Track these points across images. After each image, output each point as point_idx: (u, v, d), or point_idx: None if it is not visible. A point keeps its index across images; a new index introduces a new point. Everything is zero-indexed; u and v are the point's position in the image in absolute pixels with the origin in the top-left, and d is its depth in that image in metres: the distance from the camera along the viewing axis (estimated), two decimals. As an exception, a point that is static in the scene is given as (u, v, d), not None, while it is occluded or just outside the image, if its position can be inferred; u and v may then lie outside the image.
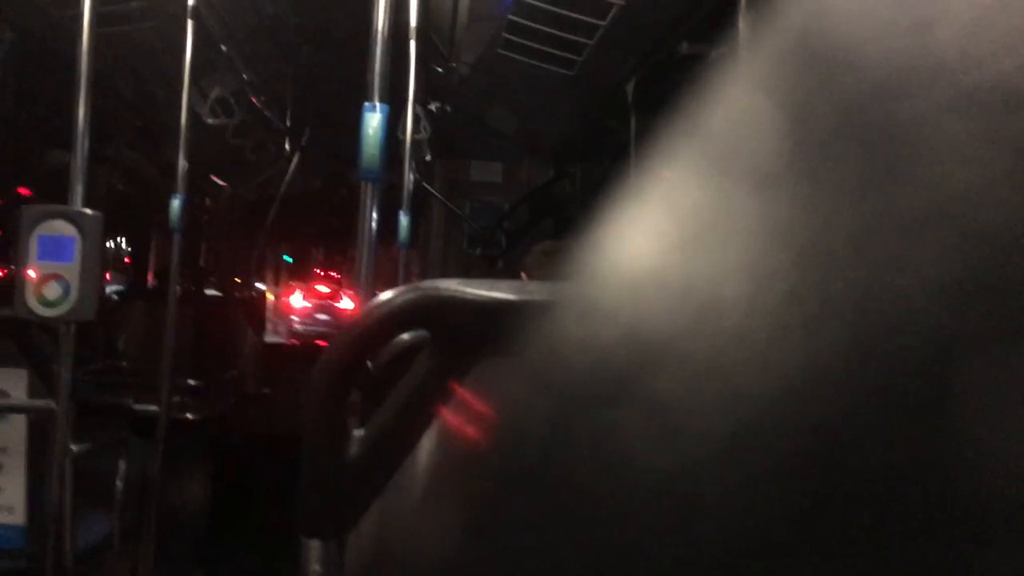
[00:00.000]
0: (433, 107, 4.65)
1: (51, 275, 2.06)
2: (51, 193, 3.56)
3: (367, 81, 1.91)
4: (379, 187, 1.92)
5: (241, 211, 6.73)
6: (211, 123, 4.42)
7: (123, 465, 2.72)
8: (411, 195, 3.84)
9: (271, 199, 5.94)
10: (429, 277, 2.56)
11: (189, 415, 3.69)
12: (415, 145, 3.72)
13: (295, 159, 5.72)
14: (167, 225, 3.31)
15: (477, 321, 0.57)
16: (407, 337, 0.67)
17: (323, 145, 5.72)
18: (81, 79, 2.16)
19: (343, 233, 7.13)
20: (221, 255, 6.57)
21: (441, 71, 4.54)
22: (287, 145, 5.68)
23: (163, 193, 3.50)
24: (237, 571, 3.81)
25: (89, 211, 2.12)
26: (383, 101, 1.89)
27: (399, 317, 0.59)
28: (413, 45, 3.46)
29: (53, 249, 2.07)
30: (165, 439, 3.09)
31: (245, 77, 4.58)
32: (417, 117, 3.79)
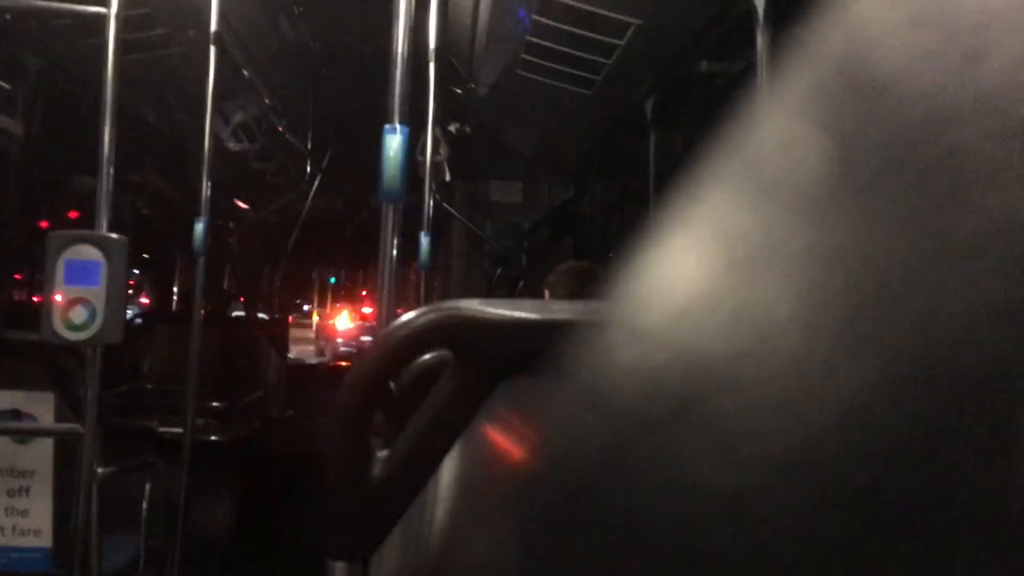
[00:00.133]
0: (452, 128, 4.68)
1: (77, 299, 2.08)
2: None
3: (387, 103, 1.92)
4: (400, 208, 1.93)
5: (264, 234, 6.78)
6: (233, 148, 4.47)
7: (148, 487, 2.73)
8: (431, 216, 3.85)
9: (294, 222, 5.99)
10: (450, 298, 2.56)
11: (214, 437, 3.71)
12: (435, 166, 3.73)
13: (316, 182, 5.77)
14: (191, 248, 3.34)
15: (500, 341, 0.57)
16: (429, 357, 0.67)
17: (344, 167, 5.76)
18: (106, 106, 2.19)
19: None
20: (244, 278, 6.61)
21: (460, 92, 4.56)
22: (308, 168, 5.72)
23: (187, 217, 3.54)
24: None
25: (114, 235, 2.14)
26: (403, 123, 1.90)
27: (421, 338, 0.59)
28: (432, 67, 3.48)
29: (79, 274, 2.08)
30: (190, 461, 3.10)
31: (267, 102, 4.63)
32: (436, 138, 3.81)
